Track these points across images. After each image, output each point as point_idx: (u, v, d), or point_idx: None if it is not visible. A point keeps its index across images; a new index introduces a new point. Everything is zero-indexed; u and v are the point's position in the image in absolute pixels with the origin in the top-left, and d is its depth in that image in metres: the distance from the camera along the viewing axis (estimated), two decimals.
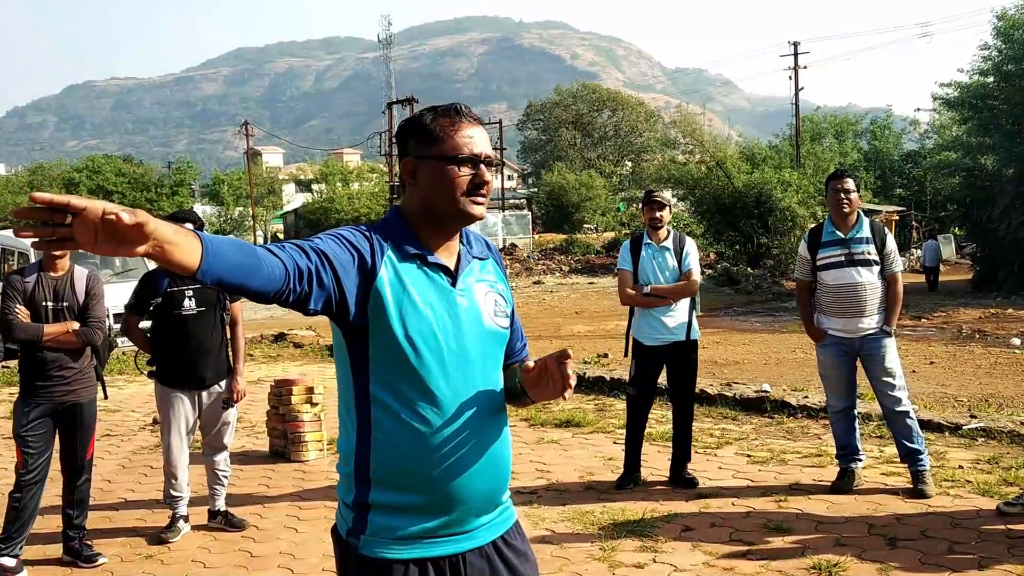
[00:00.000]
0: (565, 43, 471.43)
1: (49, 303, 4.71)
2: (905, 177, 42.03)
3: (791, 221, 30.15)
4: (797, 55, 40.79)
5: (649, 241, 5.91)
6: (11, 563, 4.62)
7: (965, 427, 6.81)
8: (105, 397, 5.04)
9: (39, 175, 56.09)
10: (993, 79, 26.19)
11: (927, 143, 41.35)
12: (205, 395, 5.22)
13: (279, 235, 61.26)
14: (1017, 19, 25.17)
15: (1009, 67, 25.26)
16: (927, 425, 6.70)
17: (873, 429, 6.89)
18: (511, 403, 2.12)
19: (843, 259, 5.56)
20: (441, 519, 1.96)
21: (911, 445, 5.46)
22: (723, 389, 8.50)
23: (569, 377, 1.94)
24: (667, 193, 6.13)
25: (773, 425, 7.49)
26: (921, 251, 29.90)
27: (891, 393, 5.51)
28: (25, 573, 4.70)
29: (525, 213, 50.18)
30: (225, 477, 5.42)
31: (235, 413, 5.48)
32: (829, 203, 5.73)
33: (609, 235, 44.55)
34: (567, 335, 16.72)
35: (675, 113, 39.14)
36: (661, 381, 6.16)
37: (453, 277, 2.01)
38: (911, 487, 5.43)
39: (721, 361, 12.11)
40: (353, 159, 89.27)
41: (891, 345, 5.56)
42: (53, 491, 5.14)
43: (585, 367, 10.23)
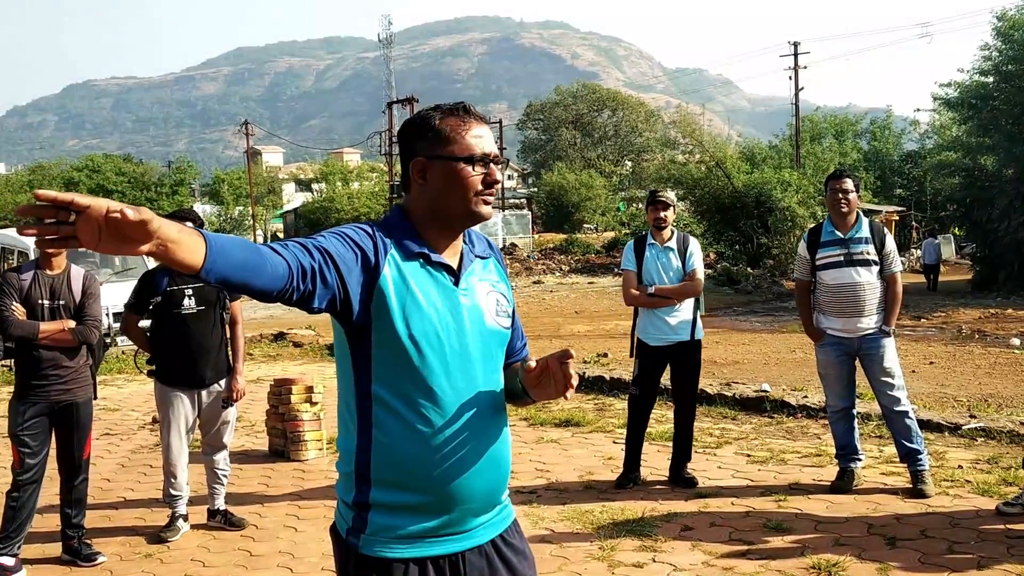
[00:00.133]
0: (565, 43, 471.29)
1: (45, 301, 4.70)
2: (905, 177, 42.07)
3: (791, 221, 30.16)
4: (797, 55, 40.80)
5: (653, 241, 5.90)
6: (10, 562, 4.62)
7: (965, 427, 6.81)
8: (95, 397, 5.01)
9: (39, 174, 56.05)
10: (993, 79, 26.20)
11: (927, 143, 41.38)
12: (205, 394, 5.22)
13: (279, 234, 61.27)
14: (1017, 19, 25.18)
15: (1009, 67, 25.28)
16: (927, 425, 6.70)
17: (872, 429, 6.90)
18: (511, 402, 2.12)
19: (842, 259, 5.56)
20: (441, 519, 1.96)
21: (910, 445, 5.47)
22: (723, 389, 8.50)
23: (571, 377, 1.93)
24: (671, 193, 6.10)
25: (773, 425, 7.50)
26: (921, 250, 29.90)
27: (890, 393, 5.52)
28: (24, 572, 4.70)
29: (525, 213, 50.19)
30: (224, 476, 5.42)
31: (235, 412, 5.48)
32: (828, 203, 5.73)
33: (609, 235, 44.55)
34: (567, 335, 16.71)
35: (675, 113, 39.12)
36: (663, 381, 6.15)
37: (456, 276, 2.00)
38: (910, 487, 5.43)
39: (721, 361, 12.10)
40: (353, 159, 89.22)
41: (890, 345, 5.56)
42: (52, 490, 5.14)
43: (585, 367, 10.24)
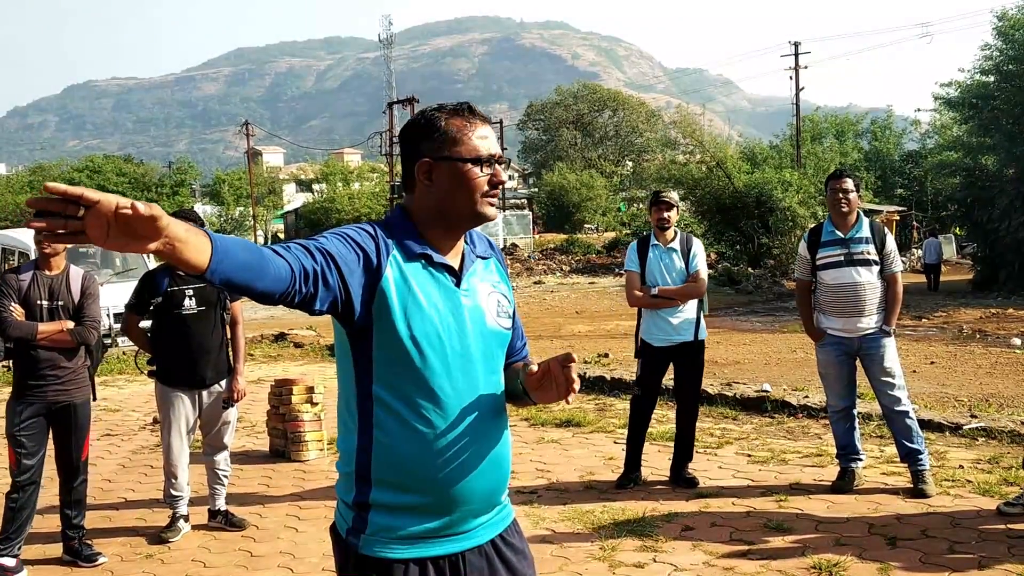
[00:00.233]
0: (566, 43, 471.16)
1: (44, 302, 4.69)
2: (906, 177, 42.03)
3: (791, 221, 30.15)
4: (798, 55, 40.81)
5: (656, 242, 5.88)
6: (11, 563, 4.62)
7: (965, 427, 6.81)
8: (94, 399, 5.01)
9: (39, 175, 56.06)
10: (994, 79, 26.21)
11: (928, 143, 41.36)
12: (205, 394, 5.22)
13: (279, 235, 61.27)
14: (1017, 19, 25.17)
15: (1010, 67, 25.28)
16: (927, 425, 6.70)
17: (873, 429, 6.89)
18: (511, 403, 2.11)
19: (842, 259, 5.55)
20: (442, 519, 1.95)
21: (911, 445, 5.46)
22: (723, 389, 8.50)
23: (573, 381, 1.92)
24: (675, 194, 6.09)
25: (773, 425, 7.49)
26: (922, 250, 29.88)
27: (891, 393, 5.51)
28: (25, 573, 4.70)
29: (526, 213, 50.19)
30: (225, 477, 5.42)
31: (235, 413, 5.48)
32: (828, 203, 5.73)
33: (610, 235, 44.57)
34: (567, 335, 16.71)
35: (675, 113, 39.12)
36: (666, 381, 6.14)
37: (457, 277, 2.00)
38: (911, 487, 5.43)
39: (722, 361, 12.10)
40: (354, 159, 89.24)
41: (890, 345, 5.55)
42: (52, 491, 5.13)
43: (585, 367, 10.24)
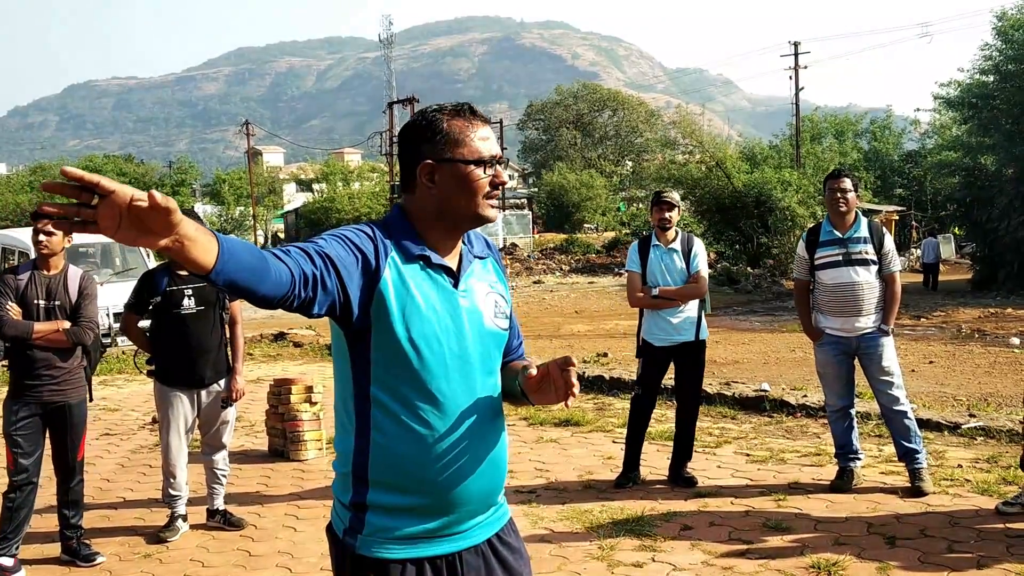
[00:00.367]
0: (566, 43, 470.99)
1: (41, 301, 4.68)
2: (905, 177, 42.04)
3: (791, 221, 30.16)
4: (797, 55, 40.78)
5: (657, 243, 5.88)
6: (9, 563, 4.61)
7: (964, 426, 6.81)
8: (90, 399, 5.00)
9: (40, 175, 56.06)
10: (993, 79, 26.21)
11: (927, 143, 41.38)
12: (204, 394, 5.22)
13: (280, 235, 61.24)
14: (1017, 19, 25.18)
15: (1009, 67, 25.28)
16: (926, 424, 6.70)
17: (872, 428, 6.89)
18: (508, 402, 2.11)
19: (840, 258, 5.55)
20: (439, 520, 1.96)
21: (909, 444, 5.46)
22: (722, 388, 8.50)
23: (573, 385, 1.92)
24: (676, 194, 6.08)
25: (772, 424, 7.49)
26: (920, 250, 29.89)
27: (889, 392, 5.51)
28: (23, 572, 4.70)
29: (525, 213, 50.18)
30: (224, 476, 5.42)
31: (234, 412, 5.47)
32: (827, 203, 5.73)
33: (609, 235, 44.55)
34: (567, 334, 16.71)
35: (675, 114, 39.11)
36: (666, 381, 6.14)
37: (455, 278, 1.99)
38: (909, 486, 5.43)
39: (721, 360, 12.10)
40: (354, 159, 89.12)
41: (889, 344, 5.55)
42: (51, 491, 5.13)
43: (585, 366, 10.24)
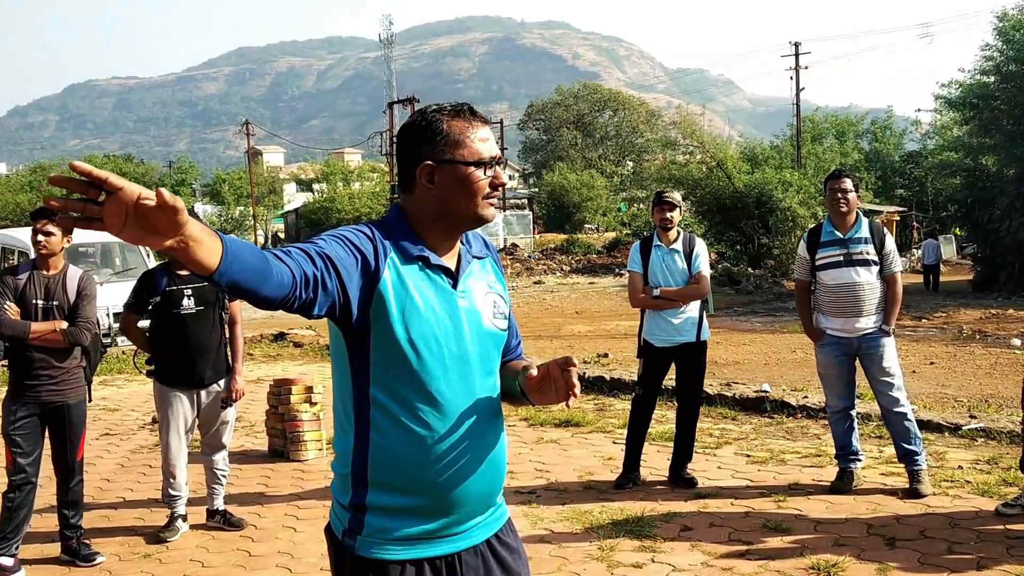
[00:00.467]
0: (566, 43, 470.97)
1: (40, 301, 4.68)
2: (906, 178, 42.05)
3: (792, 221, 30.16)
4: (798, 55, 40.77)
5: (659, 243, 5.87)
6: (9, 562, 4.61)
7: (965, 427, 6.80)
8: (89, 400, 5.00)
9: (40, 175, 56.03)
10: (994, 79, 26.20)
11: (928, 143, 41.38)
12: (204, 394, 5.22)
13: (280, 234, 61.22)
14: (1018, 19, 25.17)
15: (1010, 67, 25.28)
16: (927, 425, 6.69)
17: (872, 429, 6.89)
18: (507, 402, 2.11)
19: (841, 259, 5.55)
20: (438, 521, 1.95)
21: (908, 446, 5.46)
22: (723, 389, 8.50)
23: (574, 386, 1.91)
24: (677, 194, 6.07)
25: (772, 425, 7.49)
26: (920, 251, 29.90)
27: (889, 393, 5.51)
28: (23, 572, 4.70)
29: (526, 213, 50.20)
30: (224, 476, 5.42)
31: (234, 412, 5.47)
32: (827, 203, 5.73)
33: (610, 235, 44.57)
34: (567, 335, 16.70)
35: (675, 114, 39.11)
36: (666, 382, 6.13)
37: (454, 279, 1.99)
38: (908, 487, 5.43)
39: (721, 361, 12.09)
40: (354, 159, 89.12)
41: (890, 345, 5.55)
42: (51, 490, 5.13)
43: (585, 367, 10.23)
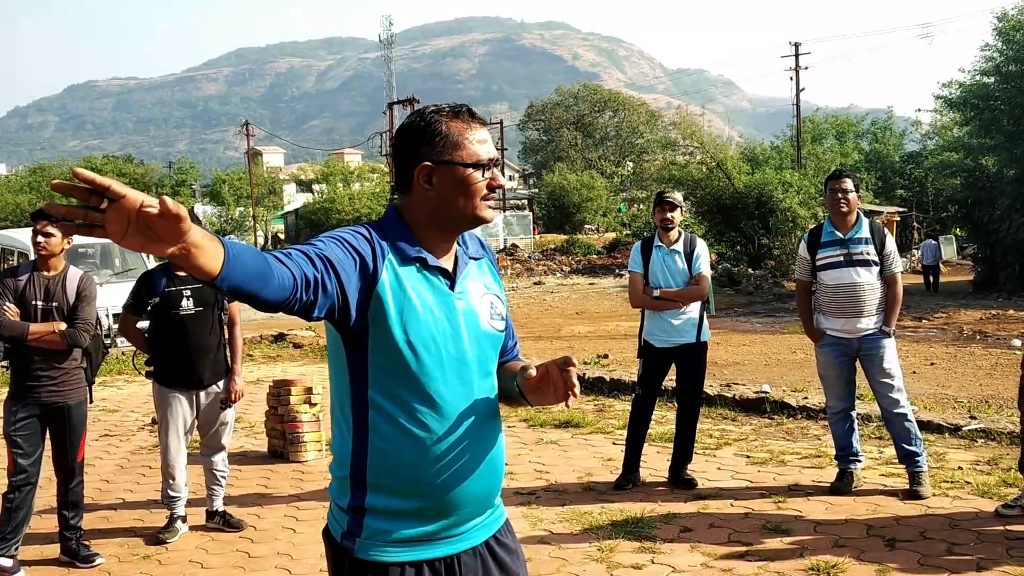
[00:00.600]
0: (566, 44, 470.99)
1: (39, 302, 4.67)
2: (906, 178, 42.07)
3: (792, 222, 30.16)
4: (798, 56, 40.76)
5: (660, 243, 5.87)
6: (8, 563, 4.61)
7: (965, 428, 6.80)
8: (90, 401, 5.00)
9: (40, 175, 56.01)
10: (994, 80, 26.21)
11: (928, 144, 41.39)
12: (203, 395, 5.21)
13: (280, 235, 61.22)
14: (1018, 20, 25.18)
15: (1010, 68, 25.29)
16: (927, 426, 6.69)
17: (873, 430, 6.88)
18: (505, 403, 2.10)
19: (842, 259, 5.54)
20: (438, 523, 1.95)
21: (909, 447, 5.45)
22: (723, 390, 8.49)
23: (574, 386, 1.91)
24: (678, 195, 6.07)
25: (772, 426, 7.48)
26: (920, 251, 29.90)
27: (890, 395, 5.50)
28: (23, 573, 4.70)
29: (526, 213, 50.21)
30: (223, 477, 5.41)
31: (233, 413, 5.47)
32: (828, 203, 5.72)
33: (610, 236, 44.54)
34: (567, 335, 16.70)
35: (675, 114, 39.11)
36: (666, 383, 6.13)
37: (451, 280, 1.99)
38: (908, 488, 5.42)
39: (721, 362, 12.09)
40: (354, 159, 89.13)
41: (890, 346, 5.54)
42: (50, 491, 5.13)
43: (585, 368, 10.23)
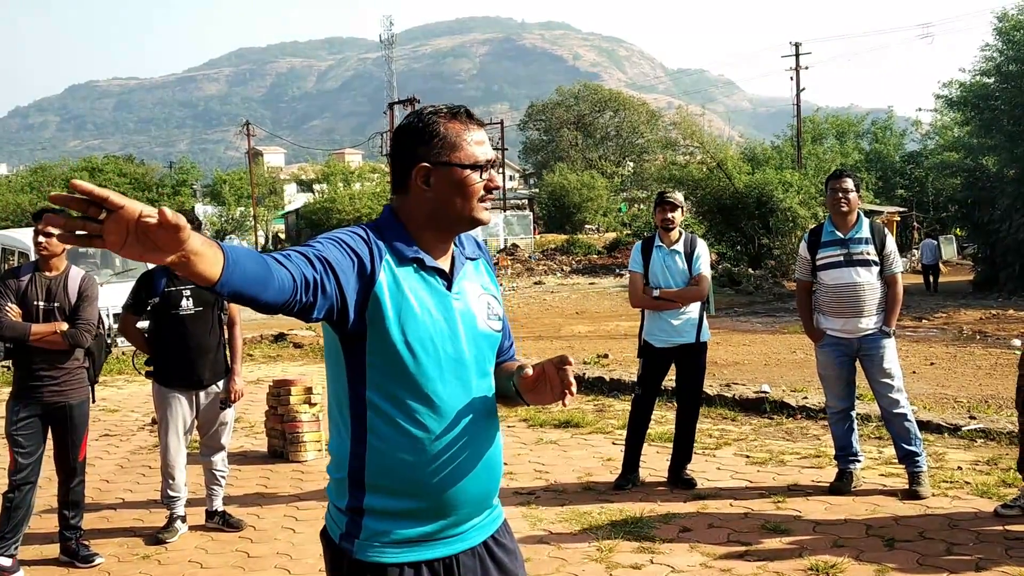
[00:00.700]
0: (567, 44, 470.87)
1: (41, 303, 4.69)
2: (906, 178, 42.06)
3: (792, 222, 30.17)
4: (799, 56, 40.74)
5: (660, 243, 5.88)
6: (7, 563, 4.61)
7: (964, 428, 6.80)
8: (93, 401, 5.01)
9: (41, 175, 55.99)
10: (994, 80, 26.20)
11: (928, 144, 41.37)
12: (203, 395, 5.22)
13: (280, 235, 61.23)
14: (1018, 20, 25.17)
15: (1010, 68, 25.28)
16: (926, 426, 6.69)
17: (872, 430, 6.88)
18: (502, 404, 2.10)
19: (842, 259, 5.54)
20: (436, 523, 1.95)
21: (909, 447, 5.45)
22: (722, 390, 8.49)
23: (570, 384, 1.91)
24: (679, 195, 6.07)
25: (772, 426, 7.48)
26: (919, 251, 29.90)
27: (889, 395, 5.50)
28: (22, 573, 4.70)
29: (527, 213, 50.24)
30: (223, 477, 5.41)
31: (232, 413, 5.47)
32: (828, 203, 5.72)
33: (610, 235, 44.52)
34: (568, 335, 16.70)
35: (676, 114, 39.11)
36: (666, 383, 6.12)
37: (448, 280, 1.99)
38: (907, 488, 5.42)
39: (721, 362, 12.09)
40: (355, 159, 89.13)
41: (890, 346, 5.54)
42: (50, 491, 5.13)
43: (585, 368, 10.23)
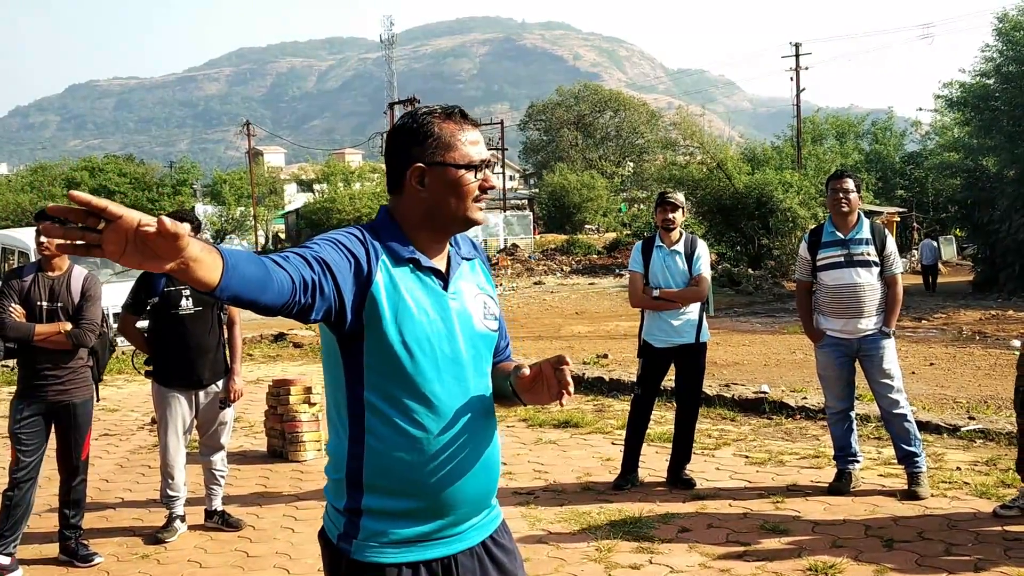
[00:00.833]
0: (567, 44, 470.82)
1: (44, 303, 4.70)
2: (906, 178, 42.05)
3: (792, 222, 30.16)
4: (799, 56, 40.75)
5: (661, 244, 5.88)
6: (6, 561, 4.62)
7: (963, 429, 6.80)
8: (97, 400, 5.02)
9: (41, 175, 55.99)
10: (994, 80, 26.19)
11: (928, 144, 41.37)
12: (202, 395, 5.22)
13: (280, 235, 61.24)
14: (1018, 20, 25.17)
15: (1010, 68, 25.28)
16: (925, 426, 6.70)
17: (871, 430, 6.89)
18: (499, 403, 2.11)
19: (842, 260, 5.55)
20: (434, 523, 1.95)
21: (908, 448, 5.46)
22: (722, 390, 8.49)
23: (567, 384, 1.91)
24: (680, 195, 6.07)
25: (771, 426, 7.49)
26: (919, 251, 29.91)
27: (889, 395, 5.50)
28: (21, 572, 4.71)
29: (526, 213, 50.26)
30: (222, 477, 5.42)
31: (232, 413, 5.47)
32: (829, 203, 5.73)
33: (610, 236, 44.54)
34: (567, 335, 16.70)
35: (676, 115, 39.11)
36: (666, 383, 6.12)
37: (445, 280, 1.99)
38: (906, 488, 5.42)
39: (721, 362, 12.09)
40: (355, 159, 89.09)
41: (890, 346, 5.54)
42: (50, 491, 5.14)
43: (585, 368, 10.23)
